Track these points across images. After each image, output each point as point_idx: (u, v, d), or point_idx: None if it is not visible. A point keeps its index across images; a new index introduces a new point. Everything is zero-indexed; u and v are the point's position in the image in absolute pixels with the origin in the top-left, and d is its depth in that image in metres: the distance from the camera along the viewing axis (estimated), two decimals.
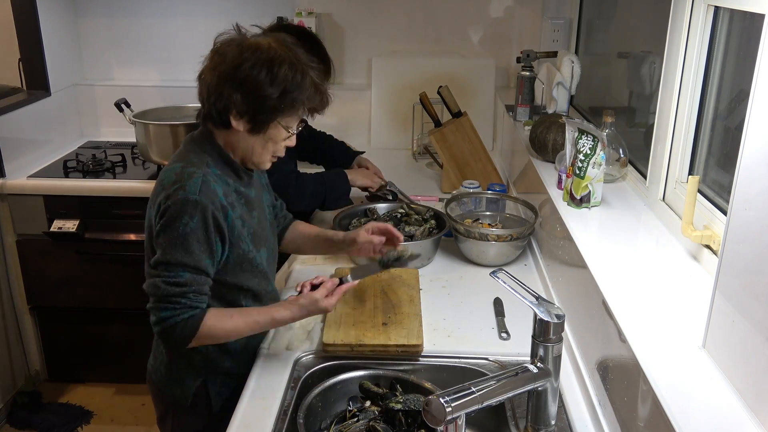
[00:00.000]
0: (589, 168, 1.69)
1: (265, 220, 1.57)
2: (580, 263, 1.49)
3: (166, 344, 1.44)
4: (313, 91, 1.41)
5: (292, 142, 1.48)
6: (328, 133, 2.50)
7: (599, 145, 1.69)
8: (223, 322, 1.40)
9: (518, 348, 1.55)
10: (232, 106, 1.37)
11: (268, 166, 1.50)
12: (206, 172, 1.39)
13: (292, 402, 1.40)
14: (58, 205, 2.70)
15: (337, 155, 2.46)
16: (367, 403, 1.44)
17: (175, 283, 1.34)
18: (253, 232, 1.50)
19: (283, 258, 2.00)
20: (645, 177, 1.78)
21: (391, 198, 2.37)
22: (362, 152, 2.52)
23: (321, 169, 2.41)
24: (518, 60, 2.61)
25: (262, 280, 1.54)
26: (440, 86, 2.56)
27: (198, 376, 1.53)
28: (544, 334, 1.19)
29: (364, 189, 2.31)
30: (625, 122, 2.18)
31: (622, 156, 1.91)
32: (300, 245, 1.79)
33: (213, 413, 1.54)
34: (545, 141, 2.10)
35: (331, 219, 2.12)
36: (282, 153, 1.49)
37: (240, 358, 1.55)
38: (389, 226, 1.68)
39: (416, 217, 2.13)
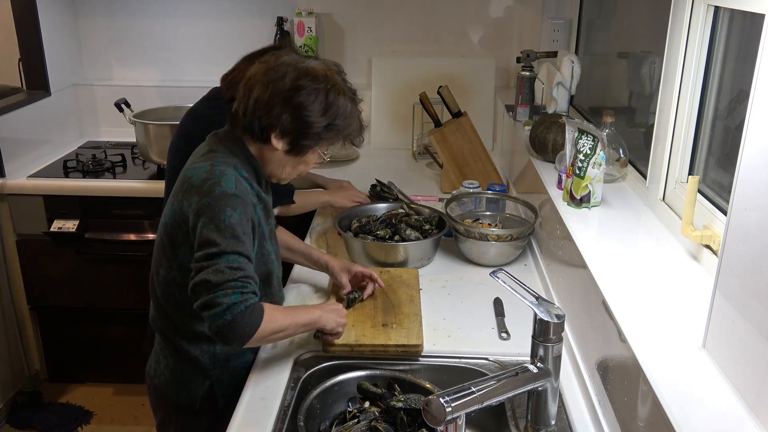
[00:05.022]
0: (589, 168, 1.70)
1: (274, 228, 1.60)
2: (580, 263, 1.49)
3: (230, 337, 1.29)
4: (357, 125, 1.48)
5: (325, 161, 1.53)
6: None
7: (599, 145, 1.69)
8: (275, 308, 1.40)
9: (518, 348, 1.55)
10: (277, 125, 1.39)
11: (288, 180, 1.54)
12: (235, 171, 1.41)
13: (292, 402, 1.40)
14: (58, 205, 2.70)
15: None
16: (366, 404, 1.44)
17: (238, 267, 1.30)
18: (269, 239, 1.52)
19: None
20: (645, 177, 1.78)
21: (391, 198, 2.37)
22: None
23: None
24: (518, 60, 2.61)
25: (276, 283, 1.56)
26: (440, 86, 2.56)
27: (206, 380, 1.52)
28: (544, 334, 1.19)
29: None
30: (625, 122, 2.18)
31: (622, 156, 1.91)
32: (282, 254, 1.78)
33: (218, 414, 1.53)
34: (545, 141, 2.10)
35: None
36: (308, 171, 1.55)
37: (244, 357, 1.55)
38: (366, 271, 1.75)
39: (416, 217, 2.13)
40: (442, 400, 1.06)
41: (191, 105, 2.96)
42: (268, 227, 1.53)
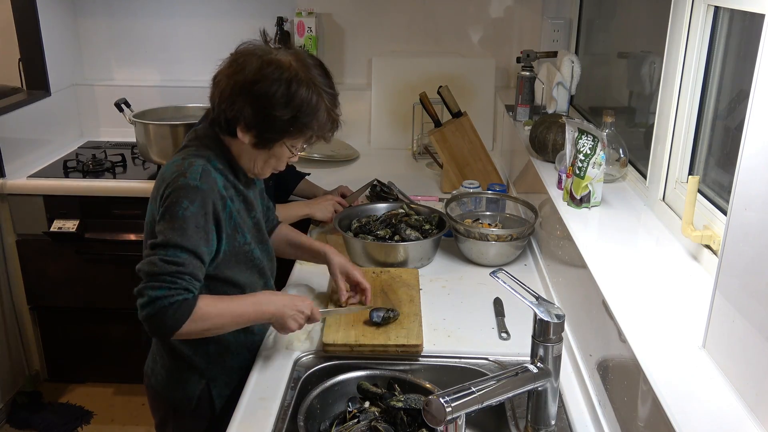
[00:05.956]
0: (589, 168, 1.70)
1: (261, 222, 1.57)
2: (580, 263, 1.49)
3: (153, 329, 1.31)
4: (325, 117, 1.40)
5: (294, 159, 1.49)
6: None
7: (599, 145, 1.69)
8: (214, 305, 1.36)
9: (518, 348, 1.55)
10: (241, 119, 1.37)
11: (267, 175, 1.51)
12: (206, 163, 1.40)
13: (292, 402, 1.40)
14: (58, 205, 2.70)
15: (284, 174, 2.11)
16: (366, 404, 1.44)
17: (173, 262, 1.30)
18: (250, 231, 1.50)
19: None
20: (645, 177, 1.78)
21: (391, 198, 2.37)
22: (308, 173, 2.45)
23: None
24: (518, 60, 2.61)
25: (258, 277, 1.54)
26: (440, 86, 2.56)
27: (201, 379, 1.52)
28: (544, 334, 1.19)
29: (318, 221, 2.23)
30: (625, 122, 2.18)
31: (622, 156, 1.91)
32: (283, 250, 1.77)
33: (215, 414, 1.54)
34: (545, 141, 2.10)
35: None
36: (283, 168, 1.50)
37: (240, 356, 1.55)
38: (363, 283, 1.67)
39: (416, 217, 2.13)
40: (442, 400, 1.06)
41: (191, 105, 2.99)
42: (252, 220, 1.51)
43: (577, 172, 1.72)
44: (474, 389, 1.10)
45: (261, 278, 1.56)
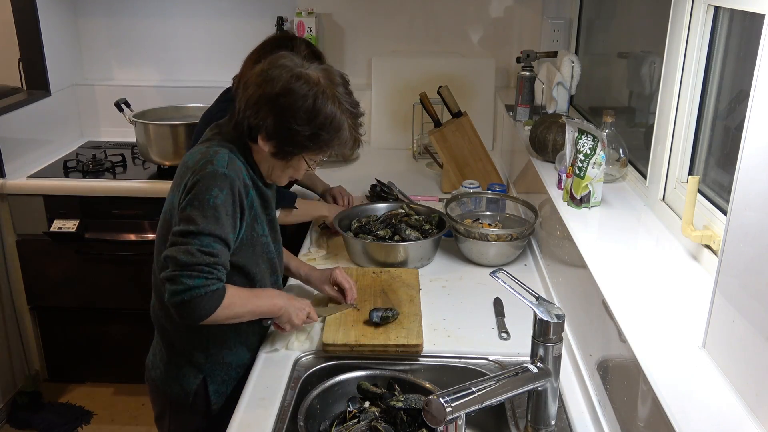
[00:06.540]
0: (589, 168, 1.70)
1: (275, 221, 1.59)
2: (580, 263, 1.49)
3: (185, 315, 1.33)
4: (347, 136, 1.43)
5: (312, 171, 1.52)
6: None
7: (599, 145, 1.69)
8: (239, 295, 1.40)
9: (518, 348, 1.55)
10: (263, 128, 1.39)
11: (284, 183, 1.54)
12: (230, 152, 1.41)
13: (292, 402, 1.40)
14: (58, 205, 2.71)
15: None
16: (366, 404, 1.44)
17: (210, 253, 1.32)
18: (267, 225, 1.53)
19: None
20: (645, 177, 1.78)
21: (391, 198, 2.37)
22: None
23: None
24: (518, 60, 2.61)
25: (269, 269, 1.55)
26: (440, 86, 2.56)
27: (198, 374, 1.53)
28: (544, 334, 1.19)
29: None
30: (625, 122, 2.18)
31: (622, 156, 1.91)
32: None
33: (211, 412, 1.54)
34: (545, 141, 2.10)
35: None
36: (300, 177, 1.53)
37: (239, 354, 1.55)
38: (347, 285, 1.69)
39: (416, 217, 2.13)
40: (442, 400, 1.06)
41: (191, 105, 3.00)
42: (267, 216, 1.53)
43: (577, 172, 1.72)
44: (474, 389, 1.10)
45: (272, 273, 1.57)
